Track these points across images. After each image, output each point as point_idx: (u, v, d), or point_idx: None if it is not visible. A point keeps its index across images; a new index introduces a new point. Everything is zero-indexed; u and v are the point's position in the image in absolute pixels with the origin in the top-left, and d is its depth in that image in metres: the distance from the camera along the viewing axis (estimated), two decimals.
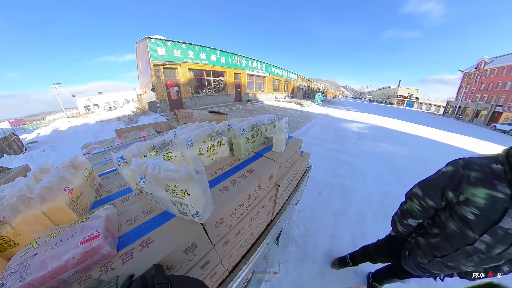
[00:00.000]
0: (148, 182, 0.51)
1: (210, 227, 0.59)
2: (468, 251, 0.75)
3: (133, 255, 0.47)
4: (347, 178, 3.32)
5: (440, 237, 0.84)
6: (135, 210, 0.62)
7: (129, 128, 1.86)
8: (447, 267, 0.84)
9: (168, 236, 0.52)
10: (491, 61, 29.35)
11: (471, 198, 0.70)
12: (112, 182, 0.81)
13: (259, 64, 15.71)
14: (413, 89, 77.78)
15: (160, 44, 8.89)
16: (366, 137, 6.96)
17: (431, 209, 0.86)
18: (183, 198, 0.48)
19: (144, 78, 11.88)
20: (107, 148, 1.36)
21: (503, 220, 0.65)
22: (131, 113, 11.47)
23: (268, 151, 1.07)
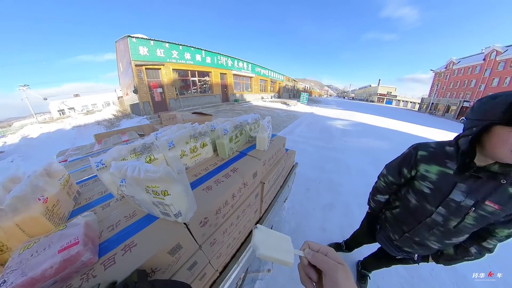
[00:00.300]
0: (128, 185, 0.50)
1: (194, 227, 0.59)
2: (428, 223, 0.85)
3: (115, 260, 0.45)
4: (333, 173, 3.43)
5: (401, 209, 0.97)
6: (117, 216, 0.60)
7: (109, 132, 1.77)
8: (415, 243, 0.94)
9: (151, 239, 0.51)
10: (458, 61, 32.18)
11: (426, 174, 0.82)
12: (91, 189, 0.77)
13: (245, 64, 15.69)
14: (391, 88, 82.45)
15: (142, 43, 8.50)
16: (350, 134, 7.25)
17: (393, 185, 1.01)
18: (164, 198, 0.48)
19: (125, 79, 11.30)
20: (85, 154, 1.28)
21: (453, 192, 0.76)
22: (112, 116, 10.75)
23: (252, 149, 1.09)
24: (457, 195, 0.75)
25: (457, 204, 0.76)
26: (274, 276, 1.53)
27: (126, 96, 12.67)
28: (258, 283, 1.47)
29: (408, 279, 1.61)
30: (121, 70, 11.89)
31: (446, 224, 0.81)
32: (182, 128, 0.83)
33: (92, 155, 1.24)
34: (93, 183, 0.80)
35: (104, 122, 9.04)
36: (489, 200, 0.70)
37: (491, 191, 0.70)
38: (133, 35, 8.22)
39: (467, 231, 0.80)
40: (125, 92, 12.90)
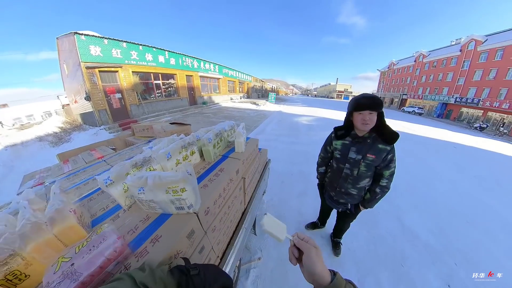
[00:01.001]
0: (148, 191, 0.60)
1: (201, 216, 0.72)
2: (344, 176, 1.34)
3: (147, 250, 0.55)
4: (303, 165, 3.81)
5: (331, 173, 1.47)
6: (132, 221, 0.67)
7: (75, 150, 1.64)
8: (343, 193, 1.40)
9: (172, 229, 0.63)
10: (397, 62, 38.10)
11: (336, 146, 1.34)
12: (91, 207, 0.78)
13: (212, 65, 15.44)
14: (347, 85, 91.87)
15: (94, 42, 7.41)
16: (315, 128, 7.97)
17: (325, 159, 1.52)
18: (182, 194, 0.61)
19: (72, 84, 9.78)
20: (59, 177, 1.21)
21: (350, 153, 1.25)
22: (58, 129, 8.82)
23: (232, 152, 1.26)
24: (352, 154, 1.24)
25: (353, 160, 1.24)
26: (264, 262, 1.71)
27: (74, 103, 10.91)
28: (252, 272, 1.62)
29: (370, 238, 2.05)
30: (66, 72, 10.27)
31: (352, 174, 1.28)
32: (172, 140, 0.94)
33: (69, 176, 1.16)
34: (89, 202, 0.82)
35: (49, 138, 7.25)
36: (368, 153, 1.18)
37: (368, 148, 1.18)
38: (81, 32, 7.07)
39: (365, 176, 1.26)
40: (72, 99, 11.11)
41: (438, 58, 26.49)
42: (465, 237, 2.22)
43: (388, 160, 1.17)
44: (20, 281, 0.50)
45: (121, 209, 0.72)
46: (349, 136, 1.26)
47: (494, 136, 14.06)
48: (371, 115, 1.06)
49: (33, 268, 0.51)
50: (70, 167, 1.34)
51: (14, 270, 0.48)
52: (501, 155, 7.26)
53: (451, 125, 17.85)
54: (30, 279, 0.51)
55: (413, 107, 26.00)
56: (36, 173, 1.40)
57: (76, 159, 1.47)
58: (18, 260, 0.49)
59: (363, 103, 1.06)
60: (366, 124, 1.08)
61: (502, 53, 18.85)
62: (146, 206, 0.66)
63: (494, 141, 10.89)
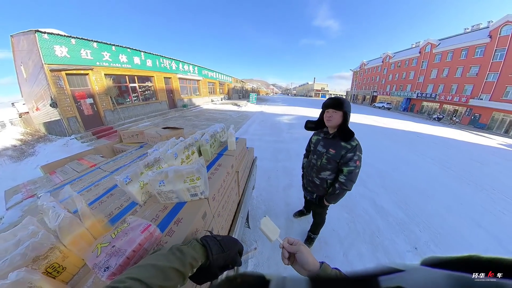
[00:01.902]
0: (168, 183, 0.73)
1: (210, 201, 0.85)
2: (311, 165, 1.57)
3: (173, 230, 0.67)
4: (286, 161, 4.05)
5: (307, 163, 1.69)
6: (152, 213, 0.76)
7: (60, 161, 1.59)
8: (309, 181, 1.63)
9: (190, 212, 0.75)
10: (367, 63, 41.25)
11: (312, 140, 1.59)
12: (103, 209, 0.81)
13: (191, 67, 15.10)
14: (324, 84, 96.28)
15: (59, 42, 6.68)
16: (295, 126, 8.36)
17: (308, 152, 1.73)
18: (197, 182, 0.74)
19: (32, 89, 8.81)
20: (53, 188, 1.19)
21: (318, 146, 1.47)
22: (18, 142, 7.75)
23: (225, 150, 1.42)
24: (319, 147, 1.47)
25: (319, 152, 1.46)
26: (260, 251, 1.87)
27: (35, 111, 9.76)
28: (250, 262, 1.77)
29: (350, 218, 2.37)
30: (24, 76, 9.21)
31: (316, 164, 1.49)
32: (175, 143, 1.06)
33: (63, 186, 1.16)
34: (100, 205, 0.86)
35: (8, 152, 6.49)
36: (330, 148, 1.37)
37: (332, 143, 1.37)
38: (44, 30, 6.32)
39: (325, 168, 1.45)
40: (33, 106, 9.94)
41: (402, 59, 29.39)
42: (426, 209, 2.69)
43: (348, 158, 1.30)
44: (58, 274, 0.55)
45: (137, 205, 0.81)
46: (322, 132, 1.48)
47: (449, 125, 16.13)
48: (334, 113, 1.27)
49: (69, 261, 0.57)
50: (61, 177, 1.34)
51: (53, 263, 0.54)
52: (454, 140, 8.49)
53: (415, 117, 19.92)
54: (66, 271, 0.56)
55: (383, 103, 28.60)
56: (20, 187, 1.35)
57: (65, 170, 1.45)
58: (56, 253, 0.55)
59: (328, 103, 1.31)
60: (329, 120, 1.29)
61: (452, 55, 21.67)
62: (164, 197, 0.77)
63: (448, 129, 12.55)
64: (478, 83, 18.79)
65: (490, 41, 17.71)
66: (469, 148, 7.08)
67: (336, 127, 1.33)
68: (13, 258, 0.49)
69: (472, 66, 19.34)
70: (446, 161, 4.95)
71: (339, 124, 1.30)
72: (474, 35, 19.57)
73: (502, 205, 2.92)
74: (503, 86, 16.70)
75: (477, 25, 20.64)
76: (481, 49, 18.61)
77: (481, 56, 18.47)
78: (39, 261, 0.52)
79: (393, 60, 31.66)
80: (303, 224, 2.21)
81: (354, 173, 1.33)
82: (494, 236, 2.24)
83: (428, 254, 1.87)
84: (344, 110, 1.26)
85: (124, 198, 0.86)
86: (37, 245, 0.52)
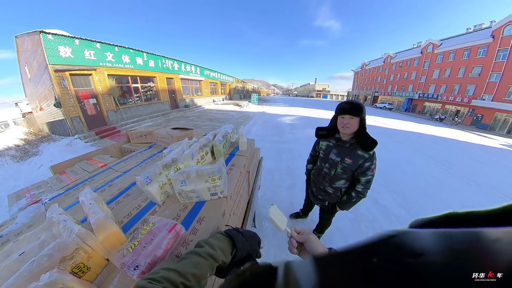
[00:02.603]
0: (190, 182, 0.75)
1: (228, 200, 0.87)
2: (323, 174, 1.44)
3: (197, 228, 0.69)
4: (289, 161, 4.07)
5: (315, 170, 1.57)
6: (172, 212, 0.78)
7: (68, 161, 1.62)
8: (321, 190, 1.51)
9: (211, 210, 0.77)
10: (369, 63, 41.12)
11: (321, 146, 1.42)
12: (121, 210, 0.82)
13: (193, 67, 15.15)
14: (325, 84, 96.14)
15: (63, 42, 6.76)
16: (297, 127, 8.37)
17: (313, 158, 1.62)
18: (218, 182, 0.76)
19: (36, 89, 8.88)
20: (63, 190, 1.19)
21: (331, 154, 1.34)
22: (21, 142, 7.74)
23: (236, 150, 1.43)
24: (332, 155, 1.33)
25: (332, 161, 1.33)
26: (266, 250, 1.88)
27: (39, 111, 9.83)
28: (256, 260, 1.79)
29: (353, 217, 2.37)
30: (29, 76, 9.27)
31: (330, 173, 1.38)
32: (190, 144, 1.09)
33: (76, 186, 1.16)
34: (116, 206, 0.87)
35: (11, 152, 6.42)
36: (347, 157, 1.25)
37: (347, 152, 1.25)
38: (48, 31, 6.39)
39: (340, 177, 1.35)
40: (37, 106, 10.02)
41: (403, 59, 29.28)
42: (428, 208, 2.70)
43: (365, 167, 1.20)
44: (83, 274, 0.55)
45: (155, 205, 0.82)
46: (334, 138, 1.33)
47: (451, 125, 16.05)
48: (351, 119, 1.13)
49: (93, 261, 0.58)
50: (72, 178, 1.36)
51: (79, 263, 0.54)
52: (456, 140, 8.45)
53: (417, 117, 19.87)
54: (90, 271, 0.57)
55: (384, 103, 28.61)
56: (24, 192, 1.30)
57: (75, 170, 1.46)
58: (82, 253, 0.55)
59: (344, 107, 1.14)
60: (346, 127, 1.15)
61: (454, 55, 21.56)
62: (184, 197, 0.79)
63: (450, 130, 12.50)
64: (480, 83, 18.71)
65: (492, 41, 17.62)
66: (471, 149, 7.07)
67: (352, 134, 1.20)
68: (41, 260, 0.50)
69: (475, 66, 19.25)
70: (448, 161, 4.95)
71: (355, 131, 1.17)
72: (477, 35, 19.48)
73: (502, 204, 2.93)
74: (506, 87, 16.61)
75: (479, 25, 20.55)
76: (483, 49, 18.53)
77: (484, 56, 18.39)
78: (66, 261, 0.52)
79: (395, 60, 31.56)
80: (307, 223, 2.23)
81: (371, 182, 1.28)
82: None
83: None
84: (362, 116, 1.12)
85: (141, 198, 0.87)
86: (63, 246, 0.53)
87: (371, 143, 1.14)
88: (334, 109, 1.23)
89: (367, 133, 1.17)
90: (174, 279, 0.37)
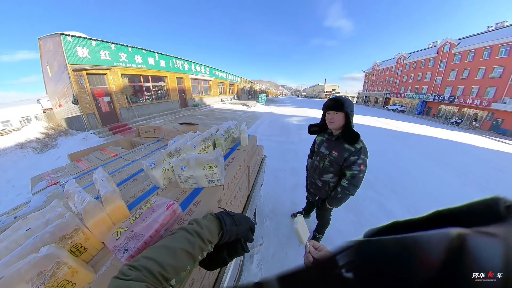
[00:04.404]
0: (189, 168, 0.81)
1: (225, 188, 0.92)
2: (314, 167, 1.54)
3: (193, 210, 0.74)
4: (294, 161, 4.08)
5: (310, 163, 1.68)
6: (173, 195, 0.84)
7: (84, 151, 1.76)
8: (311, 183, 1.61)
9: (207, 196, 0.82)
10: (380, 63, 39.85)
11: (316, 141, 1.55)
12: (128, 191, 0.90)
13: (203, 68, 15.46)
14: (335, 86, 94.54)
15: (81, 44, 7.23)
16: (304, 128, 8.27)
17: (312, 152, 1.68)
18: (214, 170, 0.81)
19: (56, 87, 9.45)
20: (78, 174, 1.30)
21: (321, 148, 1.44)
22: (41, 135, 8.29)
23: (238, 145, 1.49)
24: (323, 149, 1.43)
25: (322, 154, 1.42)
26: (266, 247, 1.91)
27: (58, 107, 10.47)
28: (255, 257, 1.81)
29: (356, 221, 2.34)
30: (50, 75, 9.86)
31: (319, 166, 1.46)
32: (193, 136, 1.16)
33: (90, 171, 1.28)
34: (124, 188, 0.94)
35: (32, 144, 6.89)
36: (333, 150, 1.33)
37: (335, 145, 1.32)
38: (68, 33, 6.87)
39: (328, 170, 1.41)
40: (56, 103, 10.67)
41: (418, 59, 28.16)
42: None
43: (351, 161, 1.24)
44: (80, 253, 0.59)
45: (158, 189, 0.89)
46: (326, 133, 1.43)
47: (468, 130, 15.27)
48: (335, 115, 1.22)
49: (90, 243, 0.62)
50: (87, 164, 1.47)
51: (77, 243, 0.58)
52: (473, 146, 8.02)
53: (431, 121, 19.06)
54: (87, 252, 0.61)
55: (396, 106, 27.66)
56: (44, 175, 1.47)
57: (90, 158, 1.59)
58: (80, 234, 0.60)
59: (327, 104, 1.26)
60: (331, 122, 1.25)
61: (473, 55, 20.48)
62: (184, 182, 0.85)
63: (467, 134, 11.88)
64: (501, 85, 17.65)
65: None
66: (489, 155, 6.69)
67: (340, 129, 1.28)
68: (43, 235, 0.55)
69: (496, 67, 18.18)
70: (462, 168, 4.70)
71: (343, 125, 1.25)
72: (498, 34, 18.38)
73: None
74: None
75: (501, 22, 19.38)
76: (505, 48, 17.45)
77: (506, 56, 17.32)
78: (65, 240, 0.57)
79: (408, 60, 30.43)
80: (308, 223, 2.23)
81: (357, 178, 1.26)
82: None
83: None
84: (345, 111, 1.19)
85: (146, 183, 0.95)
86: (64, 225, 0.58)
87: (353, 136, 1.21)
88: None
89: (351, 128, 1.23)
90: (152, 269, 0.38)
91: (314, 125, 1.51)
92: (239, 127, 1.69)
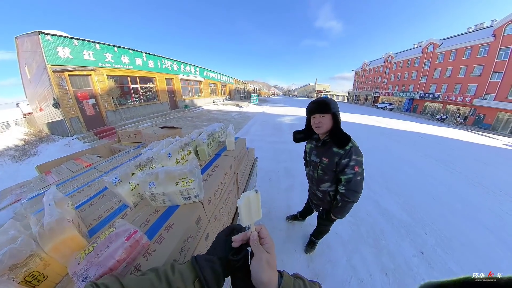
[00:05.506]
0: (158, 185, 0.67)
1: (205, 204, 0.80)
2: (309, 178, 1.46)
3: (163, 237, 0.61)
4: (287, 162, 3.99)
5: (307, 173, 1.52)
6: (142, 216, 0.71)
7: (55, 161, 1.57)
8: (312, 194, 1.49)
9: (183, 216, 0.70)
10: (369, 63, 40.98)
11: (306, 149, 1.44)
12: (92, 212, 0.77)
13: (193, 68, 15.14)
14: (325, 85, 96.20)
15: (62, 43, 6.78)
16: (296, 127, 8.26)
17: (306, 160, 1.54)
18: (190, 185, 0.69)
19: (36, 89, 8.88)
20: (47, 189, 1.16)
21: (312, 156, 1.32)
22: (20, 142, 7.69)
23: (224, 150, 1.36)
24: (313, 157, 1.31)
25: (314, 162, 1.30)
26: None
27: (39, 112, 9.84)
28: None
29: (353, 221, 2.30)
30: (28, 77, 9.26)
31: (314, 176, 1.34)
32: (170, 142, 1.01)
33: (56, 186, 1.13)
34: (89, 207, 0.81)
35: (10, 152, 6.40)
36: (323, 157, 1.21)
37: (323, 151, 1.21)
38: (47, 31, 6.39)
39: (323, 179, 1.29)
40: (37, 107, 10.02)
41: (404, 59, 29.13)
42: (431, 211, 2.61)
43: (343, 165, 1.12)
44: (38, 283, 0.51)
45: (127, 208, 0.77)
46: (314, 139, 1.30)
47: (452, 125, 15.91)
48: (322, 118, 1.09)
49: (50, 269, 0.52)
50: (55, 177, 1.31)
51: (33, 271, 0.49)
52: (458, 140, 8.35)
53: (418, 117, 19.71)
54: (47, 280, 0.52)
55: (385, 103, 28.47)
56: (6, 192, 1.30)
57: (60, 170, 1.42)
58: (37, 260, 0.50)
59: (311, 107, 1.12)
60: (319, 127, 1.11)
61: (455, 55, 21.44)
62: (155, 200, 0.72)
63: (452, 130, 12.38)
64: (482, 82, 18.54)
65: (494, 40, 17.48)
66: (474, 149, 6.96)
67: (328, 132, 1.15)
68: None
69: (476, 65, 19.09)
70: (451, 162, 4.86)
71: (331, 128, 1.12)
72: (478, 34, 19.34)
73: (508, 207, 2.84)
74: (508, 86, 16.45)
75: (480, 24, 20.41)
76: (485, 48, 18.37)
77: (485, 56, 18.23)
78: (17, 269, 0.48)
79: (395, 60, 31.41)
80: (304, 227, 2.15)
81: (354, 182, 1.13)
82: (501, 239, 2.17)
83: (435, 260, 1.82)
84: (332, 112, 1.08)
85: (115, 200, 0.82)
86: (15, 252, 0.48)
87: (343, 139, 1.09)
88: None
89: (340, 129, 1.11)
90: None
91: (299, 132, 1.37)
92: (225, 129, 1.57)
